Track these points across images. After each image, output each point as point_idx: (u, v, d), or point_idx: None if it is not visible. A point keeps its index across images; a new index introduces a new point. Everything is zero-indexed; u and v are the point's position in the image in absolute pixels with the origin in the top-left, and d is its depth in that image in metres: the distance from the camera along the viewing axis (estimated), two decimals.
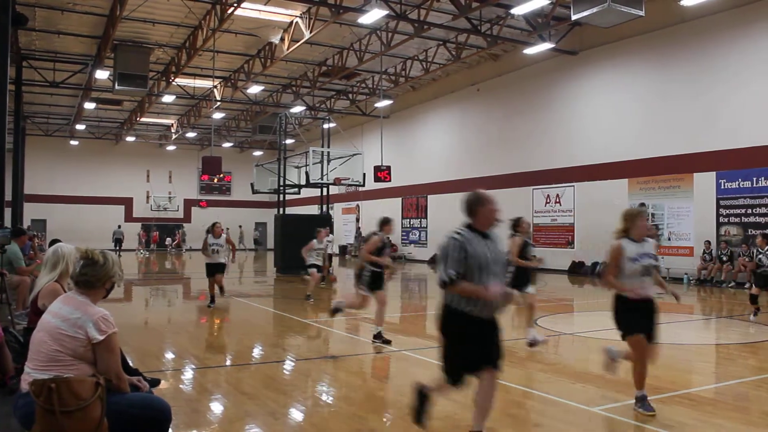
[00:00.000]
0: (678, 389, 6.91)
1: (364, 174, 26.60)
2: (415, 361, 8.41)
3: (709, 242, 20.36)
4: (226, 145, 47.46)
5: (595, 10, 15.31)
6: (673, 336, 9.98)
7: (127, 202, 49.55)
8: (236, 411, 6.01)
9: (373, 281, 9.71)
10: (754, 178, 19.52)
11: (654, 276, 6.02)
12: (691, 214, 21.23)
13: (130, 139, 46.60)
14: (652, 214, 22.45)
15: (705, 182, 20.83)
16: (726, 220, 20.30)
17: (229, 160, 48.46)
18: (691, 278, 20.54)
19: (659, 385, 6.99)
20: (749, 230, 19.58)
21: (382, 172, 28.30)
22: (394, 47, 24.99)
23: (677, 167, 21.57)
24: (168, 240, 48.86)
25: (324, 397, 6.72)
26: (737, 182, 19.96)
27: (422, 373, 7.79)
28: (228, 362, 8.58)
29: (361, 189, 31.86)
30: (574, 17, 16.13)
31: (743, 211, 19.80)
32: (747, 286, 16.49)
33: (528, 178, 27.59)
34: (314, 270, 15.97)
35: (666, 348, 9.83)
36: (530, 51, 23.73)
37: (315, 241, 16.02)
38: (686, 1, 18.19)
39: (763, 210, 19.30)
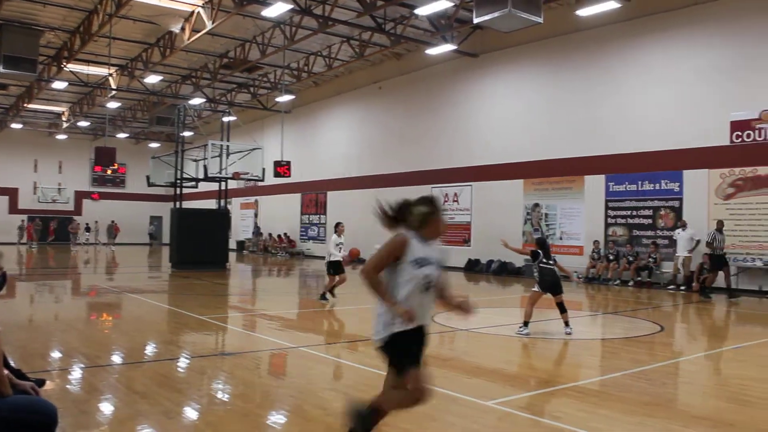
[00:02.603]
0: (566, 382, 7.19)
1: (264, 169, 26.32)
2: (312, 358, 8.39)
3: (597, 242, 21.28)
4: (121, 135, 45.79)
5: (496, 14, 15.68)
6: (561, 331, 10.37)
7: (12, 193, 47.01)
8: (128, 411, 5.82)
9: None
10: (639, 182, 20.56)
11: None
12: (582, 215, 22.14)
13: (16, 126, 44.15)
14: (546, 214, 23.28)
15: (595, 185, 21.77)
16: (613, 221, 21.29)
17: (124, 152, 46.88)
18: (580, 276, 21.41)
19: (549, 378, 7.26)
20: (634, 231, 20.63)
21: (282, 167, 28.07)
22: (298, 42, 24.83)
23: (570, 170, 22.45)
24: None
25: (220, 395, 6.60)
26: (624, 185, 20.97)
27: (320, 369, 7.80)
28: (119, 360, 8.29)
29: (260, 184, 31.47)
30: (475, 20, 16.46)
31: (629, 212, 20.84)
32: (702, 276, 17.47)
33: (427, 177, 28.02)
34: (343, 274, 14.92)
35: (555, 343, 10.24)
36: (432, 51, 24.09)
37: (335, 236, 14.96)
38: (581, 11, 18.91)
39: (647, 212, 20.36)
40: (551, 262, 10.81)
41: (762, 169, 18.01)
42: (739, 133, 18.50)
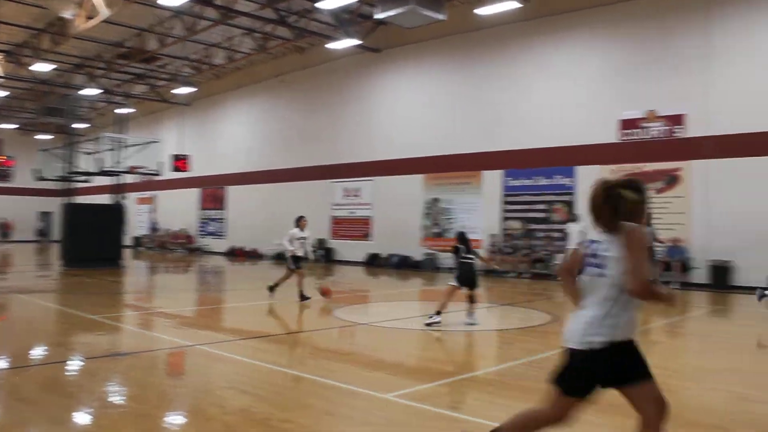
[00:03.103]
0: (465, 373, 7.34)
1: (162, 163, 25.58)
2: (211, 356, 8.22)
3: (495, 235, 21.84)
4: (8, 126, 43.40)
5: (399, 10, 15.82)
6: (460, 323, 10.58)
7: None
8: (11, 419, 5.51)
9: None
10: (535, 177, 21.25)
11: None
12: (480, 209, 22.66)
13: None
14: (445, 209, 23.70)
15: (493, 180, 22.34)
16: (510, 215, 21.90)
17: (12, 144, 44.48)
18: (477, 269, 21.90)
19: (447, 369, 7.40)
20: (529, 224, 21.30)
21: (180, 162, 27.38)
22: (198, 33, 24.29)
23: (469, 165, 22.94)
24: None
25: (113, 398, 6.36)
26: (520, 180, 21.62)
27: (219, 367, 7.66)
28: (2, 365, 7.86)
29: (157, 178, 30.56)
30: (378, 16, 16.56)
31: (525, 207, 21.50)
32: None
33: (329, 172, 27.99)
34: (301, 269, 13.98)
35: (454, 334, 10.43)
36: (335, 46, 24.05)
37: (297, 230, 13.94)
38: (482, 10, 19.30)
39: (542, 206, 21.06)
40: (471, 256, 11.09)
41: (648, 166, 18.96)
42: (627, 131, 19.42)
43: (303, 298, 13.54)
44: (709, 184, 17.82)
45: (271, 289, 14.17)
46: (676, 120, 18.64)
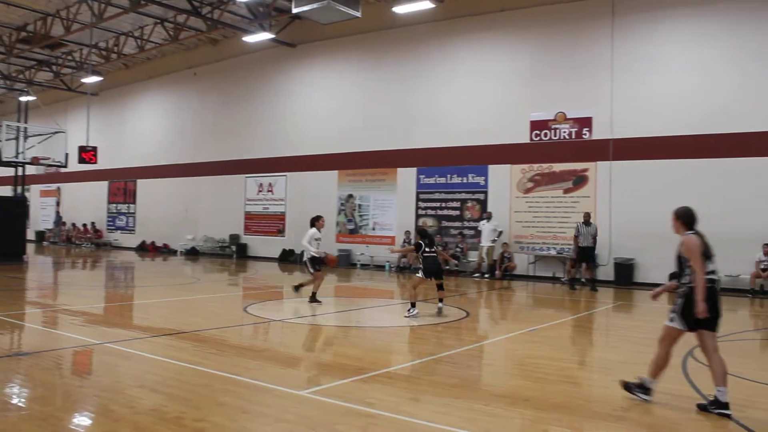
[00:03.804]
0: (379, 368, 7.39)
1: (67, 154, 24.60)
2: (120, 354, 7.99)
3: (408, 232, 22.05)
4: None
5: (315, 6, 15.72)
6: (374, 319, 10.66)
7: None
8: None
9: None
10: (449, 175, 21.59)
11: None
12: (394, 206, 22.85)
13: None
14: (359, 205, 23.77)
15: (407, 177, 22.57)
16: (424, 212, 22.18)
17: None
18: (392, 266, 22.11)
19: (362, 365, 7.43)
20: (443, 222, 21.64)
21: (87, 153, 26.33)
22: (107, 20, 23.47)
23: (383, 162, 23.09)
24: None
25: (14, 400, 6.09)
26: (434, 178, 21.92)
27: (127, 365, 7.46)
28: None
29: (63, 170, 29.41)
30: (294, 10, 16.42)
31: (438, 204, 21.81)
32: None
33: (242, 166, 27.63)
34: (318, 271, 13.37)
35: (369, 331, 10.50)
36: (250, 39, 23.74)
37: (314, 230, 13.38)
38: (398, 8, 19.43)
39: (455, 204, 21.42)
40: (434, 250, 11.71)
41: (557, 166, 19.59)
42: (538, 132, 19.98)
43: (314, 299, 13.05)
44: (613, 184, 18.56)
45: (297, 288, 13.79)
46: (584, 122, 19.32)
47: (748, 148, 16.85)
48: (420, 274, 11.64)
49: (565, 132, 19.64)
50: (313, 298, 13.03)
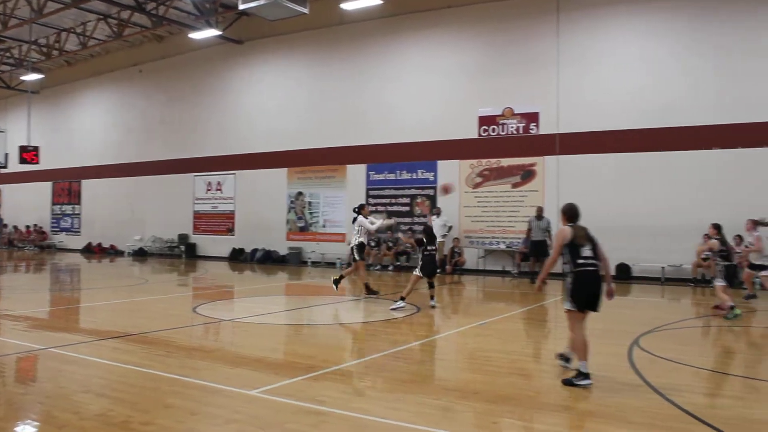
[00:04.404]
0: (330, 366, 7.38)
1: (7, 154, 23.94)
2: (65, 359, 7.80)
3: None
4: None
5: (262, 2, 15.60)
6: (326, 317, 10.63)
7: None
8: None
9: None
10: (398, 171, 21.65)
11: None
12: (344, 203, 22.81)
13: None
14: (309, 203, 23.68)
15: (357, 173, 22.56)
16: (374, 208, 22.14)
17: None
18: (342, 263, 22.08)
19: (313, 363, 7.40)
20: (393, 218, 21.64)
21: (28, 153, 25.65)
22: (47, 16, 22.85)
23: (333, 159, 23.03)
24: None
25: None
26: (384, 174, 21.95)
27: (72, 371, 7.29)
28: None
29: (3, 171, 28.57)
30: (241, 7, 16.26)
31: (388, 200, 21.86)
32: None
33: (190, 165, 27.26)
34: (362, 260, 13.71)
35: (320, 328, 10.47)
36: (196, 36, 23.40)
37: (362, 217, 13.59)
38: (346, 5, 19.38)
39: (405, 200, 21.50)
40: (434, 248, 12.01)
41: (505, 161, 19.83)
42: (486, 128, 20.18)
43: (371, 291, 13.52)
44: (561, 179, 18.87)
45: (372, 290, 13.73)
46: (531, 118, 19.59)
47: (691, 141, 17.34)
48: (417, 272, 11.97)
49: (512, 127, 19.88)
50: (371, 290, 13.49)
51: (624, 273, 17.80)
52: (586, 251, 6.81)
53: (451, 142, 20.66)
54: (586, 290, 6.73)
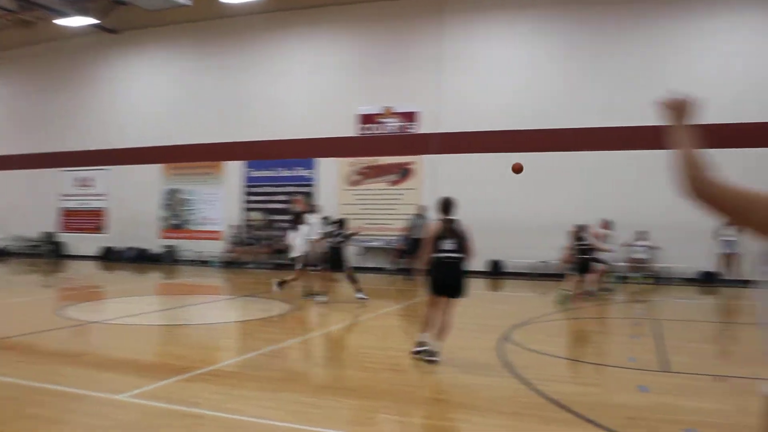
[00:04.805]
0: (204, 366, 7.21)
1: None
2: None
3: (236, 226, 21.71)
4: None
5: None
6: (201, 316, 10.40)
7: None
8: None
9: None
10: (277, 169, 21.47)
11: None
12: (221, 200, 22.37)
13: None
14: (185, 200, 23.07)
15: (235, 170, 22.17)
16: (252, 206, 21.91)
17: None
18: (218, 260, 21.64)
19: (186, 364, 7.22)
20: (271, 216, 21.47)
21: None
22: None
23: (211, 155, 22.52)
24: None
25: None
26: (262, 171, 21.71)
27: None
28: None
29: None
30: None
31: (266, 198, 21.63)
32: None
33: (58, 160, 25.82)
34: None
35: (195, 328, 10.23)
36: (66, 23, 22.18)
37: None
38: None
39: (283, 198, 21.31)
40: (340, 240, 12.59)
41: (383, 159, 20.08)
42: (365, 126, 20.35)
43: (310, 293, 13.06)
44: (439, 177, 19.30)
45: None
46: (410, 117, 19.93)
47: (562, 143, 18.21)
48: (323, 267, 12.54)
49: (392, 126, 20.15)
50: (311, 293, 13.08)
51: (496, 269, 18.45)
52: (448, 244, 7.45)
53: (331, 140, 20.69)
54: (441, 278, 7.46)
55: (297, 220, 13.39)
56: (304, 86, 21.25)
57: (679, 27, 17.96)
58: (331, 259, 12.61)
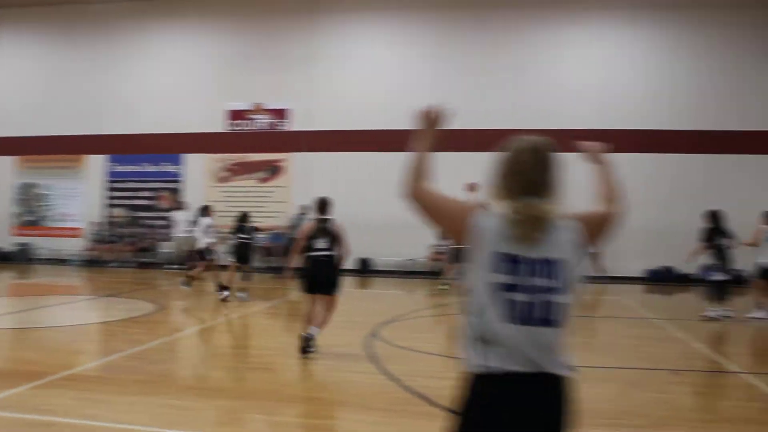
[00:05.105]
0: (60, 371, 6.85)
1: None
2: None
3: (97, 223, 20.74)
4: None
5: None
6: (57, 318, 9.88)
7: None
8: None
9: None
10: (142, 164, 20.69)
11: None
12: (82, 196, 21.30)
13: None
14: (42, 195, 21.76)
15: (97, 165, 21.17)
16: (115, 202, 20.99)
17: None
18: (78, 259, 20.59)
19: (40, 369, 6.83)
20: (136, 212, 20.67)
21: None
22: None
23: (71, 148, 21.34)
24: None
25: None
26: (127, 166, 20.85)
27: None
28: None
29: None
30: None
31: (131, 194, 20.80)
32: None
33: None
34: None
35: (50, 331, 9.70)
36: None
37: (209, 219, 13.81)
38: None
39: (148, 194, 20.61)
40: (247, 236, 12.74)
41: (253, 156, 19.84)
42: (234, 122, 20.01)
43: (222, 288, 12.77)
44: (309, 175, 19.28)
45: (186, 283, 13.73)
46: (281, 114, 19.78)
47: (434, 144, 18.60)
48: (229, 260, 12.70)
49: (262, 122, 19.93)
50: (187, 283, 13.53)
51: (365, 267, 18.66)
52: (320, 243, 7.75)
53: (199, 135, 20.16)
54: (311, 276, 7.77)
55: (201, 213, 13.96)
56: (171, 79, 20.55)
57: (541, 35, 18.87)
58: (237, 254, 12.87)
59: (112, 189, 21.03)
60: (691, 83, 18.29)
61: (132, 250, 20.20)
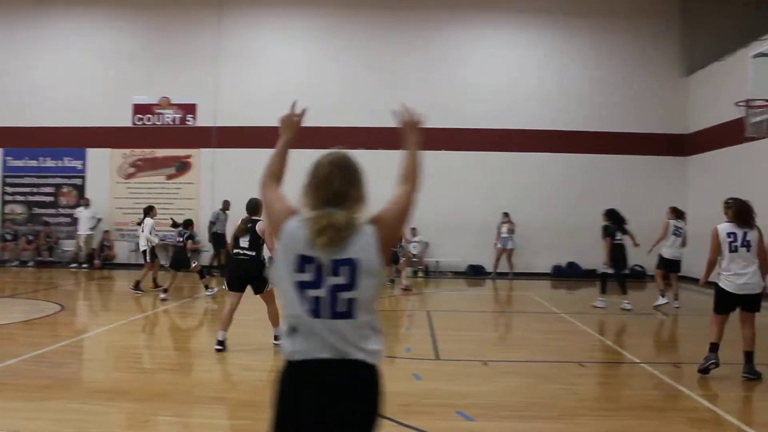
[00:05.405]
0: None
1: None
2: None
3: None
4: None
5: None
6: None
7: None
8: None
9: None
10: (41, 158, 19.79)
11: None
12: None
13: None
14: None
15: None
16: (12, 198, 20.00)
17: None
18: (13, 261, 19.47)
19: None
20: (34, 209, 19.75)
21: None
22: None
23: None
24: None
25: None
26: (24, 161, 19.89)
27: None
28: None
29: None
30: None
31: (29, 189, 19.86)
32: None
33: None
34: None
35: None
36: None
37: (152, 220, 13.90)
38: None
39: (49, 190, 19.74)
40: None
41: (160, 151, 19.34)
42: (141, 116, 19.46)
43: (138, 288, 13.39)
44: (216, 171, 18.96)
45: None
46: (189, 109, 19.36)
47: (341, 141, 18.46)
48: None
49: (169, 117, 19.45)
50: (137, 287, 13.44)
51: None
52: (243, 242, 8.01)
53: (103, 129, 19.43)
54: (233, 274, 8.15)
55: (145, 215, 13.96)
56: (73, 69, 19.64)
57: (452, 34, 19.20)
58: (175, 258, 13.26)
59: (9, 185, 19.98)
60: (597, 86, 19.02)
61: (31, 248, 19.31)
